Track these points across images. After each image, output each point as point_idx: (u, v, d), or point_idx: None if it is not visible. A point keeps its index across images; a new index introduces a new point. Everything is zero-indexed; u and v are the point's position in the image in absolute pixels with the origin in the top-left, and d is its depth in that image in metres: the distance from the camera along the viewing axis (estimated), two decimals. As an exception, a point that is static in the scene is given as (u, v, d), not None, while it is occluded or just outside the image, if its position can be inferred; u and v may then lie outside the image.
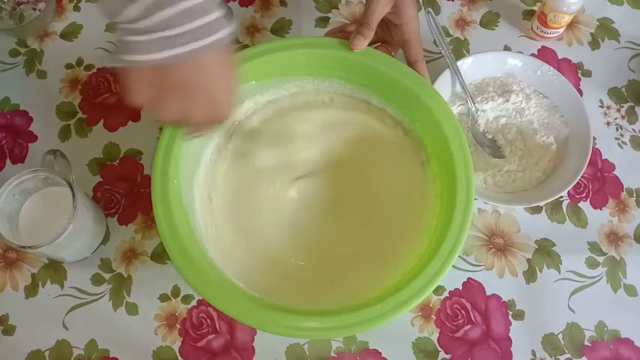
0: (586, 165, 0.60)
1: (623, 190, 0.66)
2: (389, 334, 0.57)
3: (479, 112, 0.65)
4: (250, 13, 0.72)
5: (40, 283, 0.58)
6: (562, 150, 0.64)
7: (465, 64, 0.65)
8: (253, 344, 0.57)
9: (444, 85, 0.64)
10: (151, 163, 0.55)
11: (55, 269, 0.58)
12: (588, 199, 0.65)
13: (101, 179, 0.62)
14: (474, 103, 0.64)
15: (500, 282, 0.60)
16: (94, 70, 0.67)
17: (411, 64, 0.59)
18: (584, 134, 0.62)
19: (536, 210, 0.64)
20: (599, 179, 0.66)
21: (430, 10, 0.64)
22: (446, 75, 0.64)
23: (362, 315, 0.47)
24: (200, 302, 0.58)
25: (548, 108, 0.66)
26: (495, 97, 0.65)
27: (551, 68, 0.65)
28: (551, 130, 0.65)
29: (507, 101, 0.65)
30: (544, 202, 0.62)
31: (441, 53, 0.64)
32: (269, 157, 0.58)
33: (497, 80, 0.67)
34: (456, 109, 0.65)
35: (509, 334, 0.58)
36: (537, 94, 0.67)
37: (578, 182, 0.63)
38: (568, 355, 0.58)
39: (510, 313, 0.59)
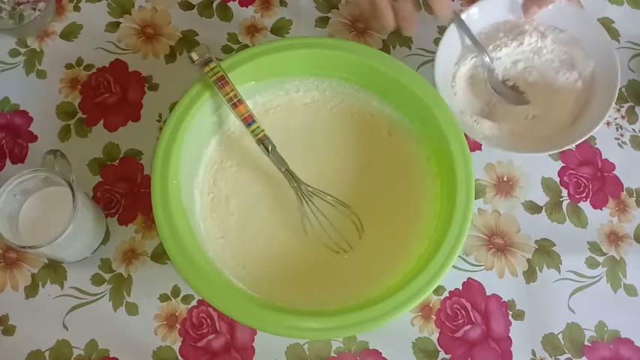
0: (615, 97, 0.57)
1: (623, 190, 0.66)
2: (389, 334, 0.57)
3: (494, 61, 0.61)
4: (250, 13, 0.72)
5: (40, 283, 0.58)
6: (589, 87, 0.60)
7: (471, 15, 0.61)
8: (253, 344, 0.57)
9: (452, 41, 0.60)
10: (151, 163, 0.55)
11: (55, 269, 0.58)
12: (588, 199, 0.65)
13: (101, 179, 0.62)
14: (487, 53, 0.61)
15: (500, 282, 0.60)
16: (94, 70, 0.67)
17: None
18: (611, 65, 0.58)
19: (536, 210, 0.64)
20: (599, 179, 0.66)
21: None
22: (452, 30, 0.60)
23: (362, 315, 0.47)
24: (200, 302, 0.58)
25: (566, 42, 0.62)
26: (508, 42, 0.62)
27: None
28: (574, 65, 0.61)
29: (522, 44, 0.61)
30: (579, 142, 0.58)
31: None
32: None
33: (506, 24, 0.63)
34: (469, 63, 0.62)
35: (509, 334, 0.58)
36: (553, 30, 0.63)
37: (578, 182, 0.63)
38: (568, 355, 0.58)
39: (510, 313, 0.59)
